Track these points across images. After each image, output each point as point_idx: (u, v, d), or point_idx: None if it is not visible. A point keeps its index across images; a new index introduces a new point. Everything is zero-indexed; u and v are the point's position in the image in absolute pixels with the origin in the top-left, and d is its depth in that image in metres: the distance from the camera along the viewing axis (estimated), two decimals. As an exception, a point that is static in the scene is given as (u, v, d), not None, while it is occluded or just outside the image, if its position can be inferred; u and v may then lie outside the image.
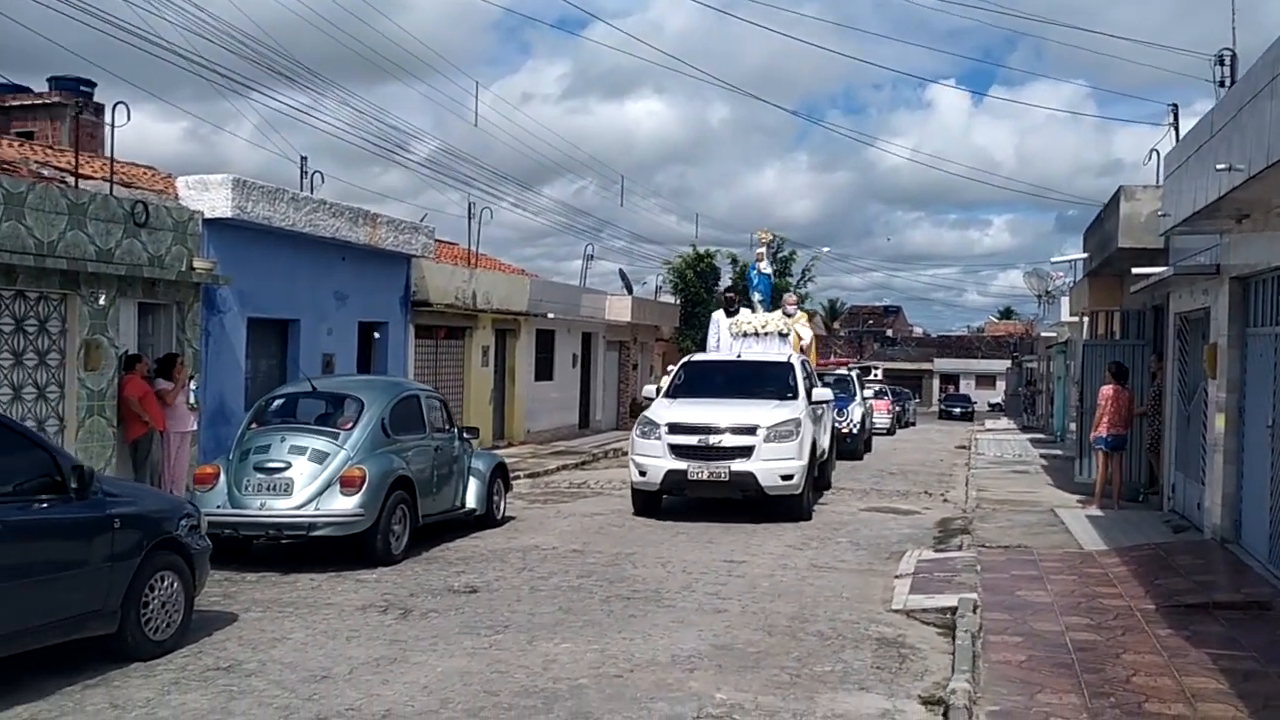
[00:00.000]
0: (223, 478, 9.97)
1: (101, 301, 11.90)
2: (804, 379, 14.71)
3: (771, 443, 13.02)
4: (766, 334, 16.83)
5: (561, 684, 6.48)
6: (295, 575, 9.60)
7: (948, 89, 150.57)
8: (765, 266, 19.01)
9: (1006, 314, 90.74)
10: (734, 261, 41.19)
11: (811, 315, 22.57)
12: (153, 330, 13.10)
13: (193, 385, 12.57)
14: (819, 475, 15.34)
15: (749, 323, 17.04)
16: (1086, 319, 19.79)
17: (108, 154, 13.66)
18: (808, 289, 43.27)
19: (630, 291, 33.03)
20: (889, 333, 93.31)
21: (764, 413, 13.38)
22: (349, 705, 6.02)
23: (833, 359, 41.61)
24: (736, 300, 18.08)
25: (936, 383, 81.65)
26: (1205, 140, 8.64)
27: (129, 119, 13.42)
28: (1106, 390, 14.34)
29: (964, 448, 29.10)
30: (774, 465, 12.97)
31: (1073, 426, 21.40)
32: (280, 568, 9.91)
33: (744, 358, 15.71)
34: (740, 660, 7.09)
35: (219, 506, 9.78)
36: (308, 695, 6.18)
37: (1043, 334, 38.42)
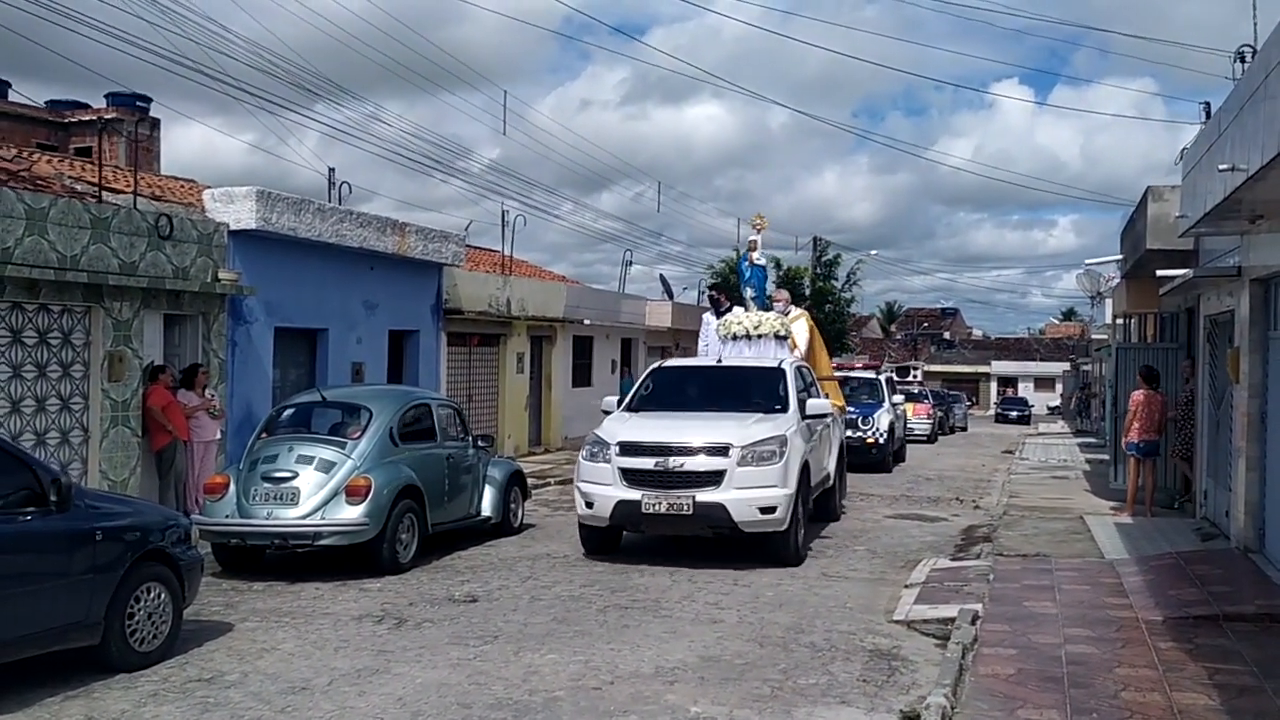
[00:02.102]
0: (232, 487, 10.09)
1: (124, 314, 12.13)
2: (797, 388, 12.15)
3: (748, 466, 10.41)
4: (760, 336, 14.04)
5: (537, 696, 6.46)
6: (301, 585, 9.69)
7: (1011, 88, 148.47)
8: (759, 258, 15.82)
9: (1069, 315, 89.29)
10: (778, 265, 41.04)
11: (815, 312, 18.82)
12: (179, 341, 13.32)
13: (209, 393, 12.77)
14: (821, 505, 13.17)
15: (739, 323, 14.21)
16: (1122, 321, 19.35)
17: (162, 168, 14.02)
18: (853, 293, 42.92)
19: (671, 296, 32.97)
20: (946, 335, 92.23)
21: (740, 429, 10.81)
22: (319, 718, 6.05)
23: (865, 361, 38.24)
24: (725, 298, 15.49)
25: (994, 386, 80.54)
26: (1214, 140, 8.40)
27: (154, 131, 13.63)
28: (1138, 395, 14.03)
29: (1009, 453, 28.63)
30: (750, 495, 10.33)
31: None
32: (288, 577, 10.01)
33: (725, 363, 13.18)
34: (725, 672, 7.02)
35: (228, 516, 9.92)
36: (281, 707, 6.22)
37: (1093, 336, 37.71)
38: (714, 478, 10.41)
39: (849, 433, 19.31)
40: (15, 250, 10.79)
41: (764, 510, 10.37)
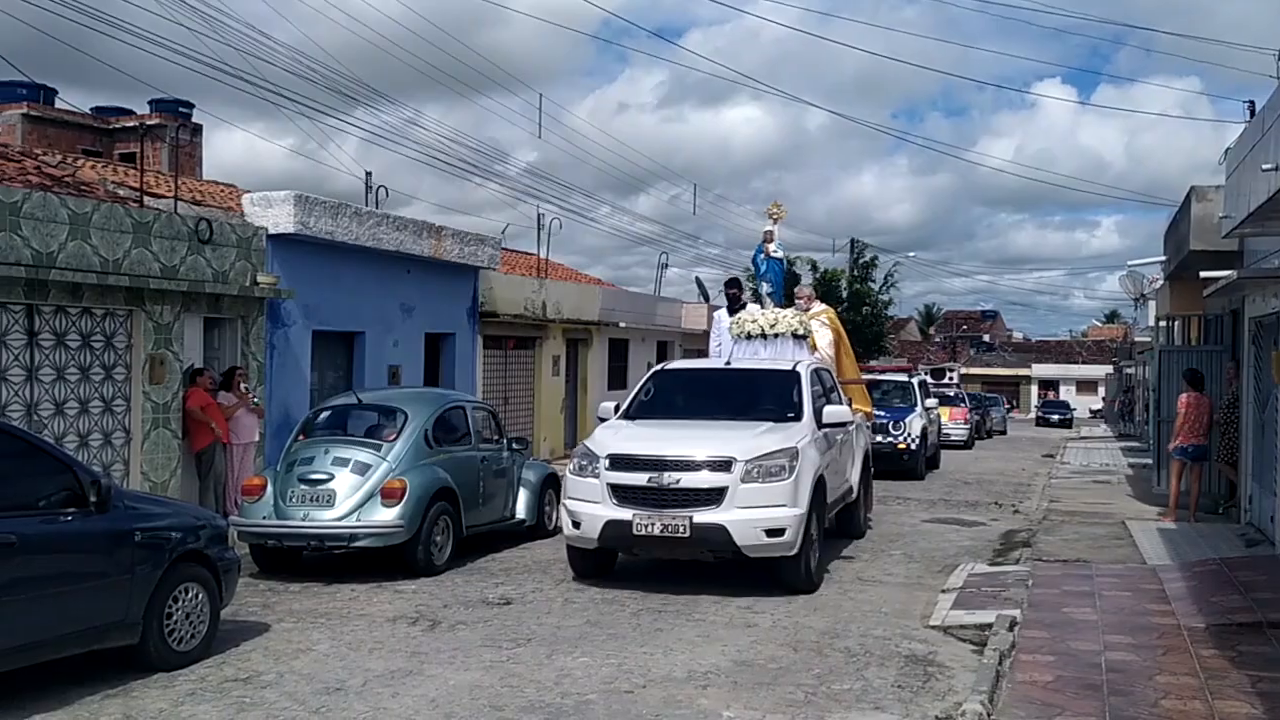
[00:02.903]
0: (270, 489, 10.18)
1: (165, 317, 12.28)
2: (814, 393, 10.94)
3: (753, 483, 9.28)
4: (777, 335, 12.71)
5: (569, 699, 6.46)
6: (337, 586, 9.75)
7: (1053, 88, 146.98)
8: (775, 249, 14.31)
9: (1112, 318, 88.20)
10: (814, 267, 40.89)
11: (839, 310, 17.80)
12: (218, 344, 13.47)
13: (244, 387, 12.91)
14: (844, 520, 12.18)
15: (754, 321, 12.87)
16: (1165, 324, 19.08)
17: (204, 173, 14.20)
18: (890, 295, 42.63)
19: (707, 299, 32.89)
20: (986, 338, 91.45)
21: (745, 440, 9.63)
22: (353, 719, 6.08)
23: (898, 363, 36.83)
24: (742, 295, 14.23)
25: (1034, 389, 79.73)
26: (1257, 139, 8.27)
27: (196, 136, 13.81)
28: (1186, 398, 13.84)
29: (1050, 456, 28.32)
30: (755, 515, 9.21)
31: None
32: (325, 578, 10.08)
33: (733, 365, 11.90)
34: (758, 677, 6.98)
35: (265, 517, 10.01)
36: (316, 708, 6.26)
37: (1136, 338, 37.22)
38: (714, 496, 9.27)
39: (878, 438, 18.80)
40: (59, 255, 10.96)
41: (771, 533, 9.23)
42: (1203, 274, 12.46)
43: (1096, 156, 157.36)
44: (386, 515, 9.90)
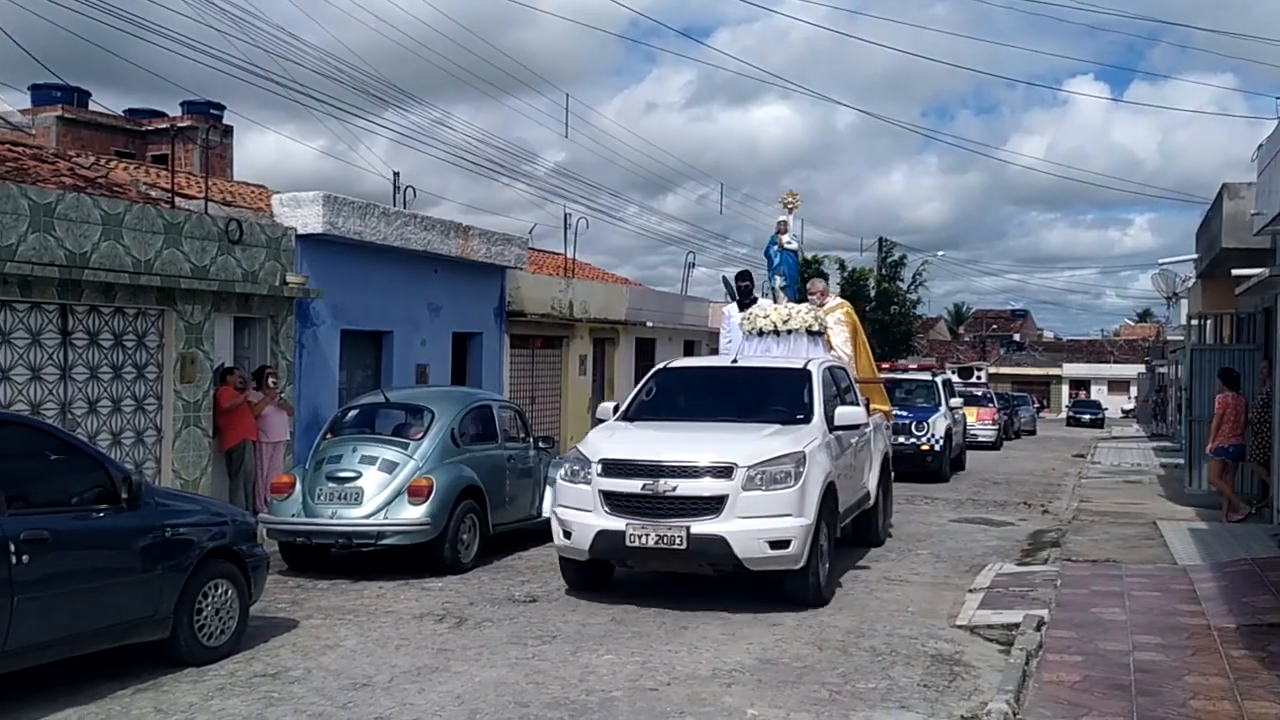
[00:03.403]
0: (298, 487, 10.28)
1: (196, 316, 12.41)
2: (826, 394, 10.28)
3: (755, 490, 8.63)
4: (790, 331, 11.98)
5: (594, 696, 6.48)
6: (364, 583, 9.83)
7: (1086, 85, 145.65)
8: (789, 241, 13.37)
9: (1144, 316, 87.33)
10: (842, 266, 40.71)
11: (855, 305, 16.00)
12: (248, 343, 13.60)
13: (272, 382, 13.01)
14: (861, 528, 11.60)
15: (766, 317, 12.12)
16: (1197, 322, 18.88)
17: (235, 174, 14.36)
18: (919, 294, 42.37)
19: (734, 298, 32.86)
20: (1016, 337, 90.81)
21: (748, 444, 8.97)
22: (380, 714, 6.14)
23: (922, 362, 35.50)
24: (754, 287, 13.46)
25: (1065, 389, 79.09)
26: (1289, 134, 8.18)
27: (226, 138, 13.94)
28: (1225, 398, 13.70)
29: (1080, 456, 28.10)
30: (758, 526, 8.55)
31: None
32: (352, 575, 10.17)
33: (740, 363, 11.28)
34: (782, 675, 6.98)
35: (294, 515, 10.11)
36: (343, 703, 6.32)
37: (1169, 337, 36.85)
38: (713, 504, 8.60)
39: (901, 439, 18.59)
40: (92, 255, 11.10)
41: (775, 544, 8.56)
42: (1235, 271, 12.36)
43: (1130, 154, 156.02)
44: (413, 513, 9.96)
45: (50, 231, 10.68)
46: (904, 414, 19.27)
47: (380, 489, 10.08)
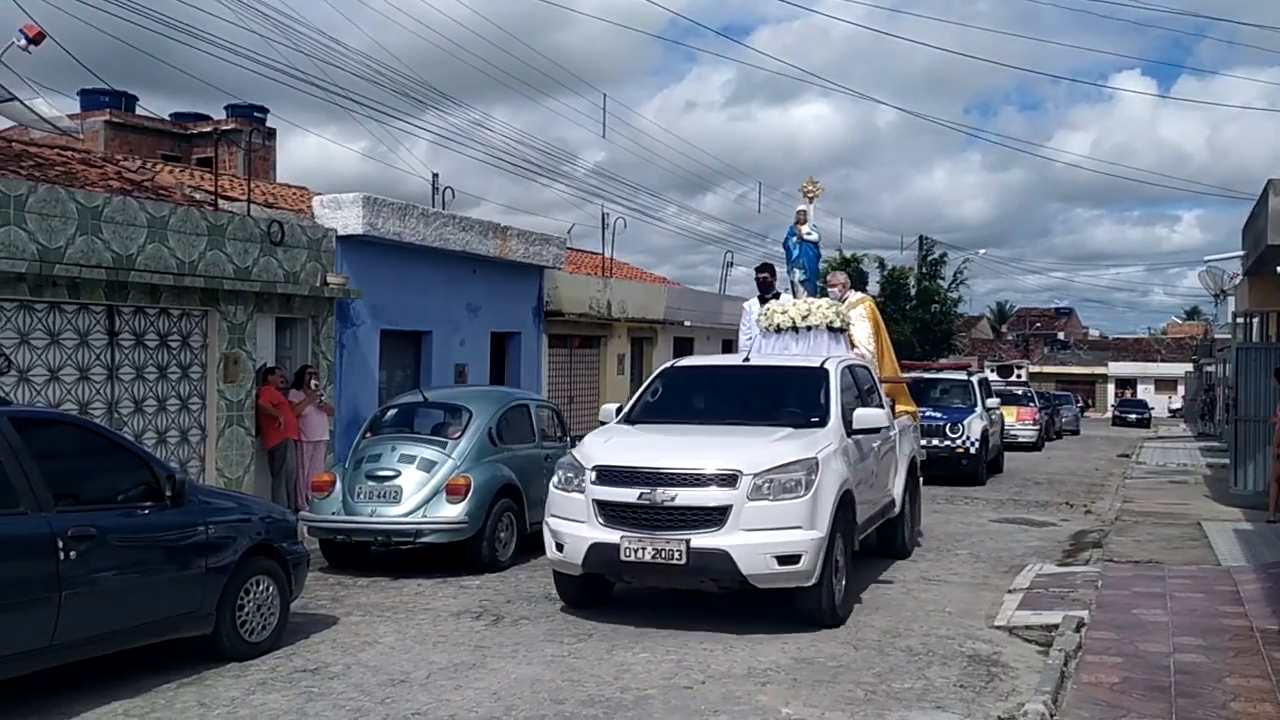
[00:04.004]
0: (338, 485, 10.40)
1: (239, 317, 12.60)
2: (844, 395, 9.53)
3: (762, 500, 7.88)
4: (810, 328, 11.26)
5: (629, 694, 6.52)
6: (404, 581, 9.93)
7: (1132, 80, 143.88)
8: (809, 231, 12.43)
9: (1192, 314, 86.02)
10: (881, 265, 40.50)
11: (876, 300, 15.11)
12: (290, 343, 13.77)
13: (314, 384, 13.16)
14: (885, 538, 10.97)
15: (784, 313, 11.36)
16: (1244, 320, 18.61)
17: (278, 176, 14.59)
18: (960, 292, 42.04)
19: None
20: (1060, 335, 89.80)
21: (756, 449, 8.24)
22: (417, 710, 6.21)
23: (956, 360, 33.98)
24: (775, 280, 12.63)
25: (1111, 388, 78.14)
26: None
27: (269, 140, 14.12)
28: None
29: (1125, 456, 27.77)
30: (764, 539, 7.81)
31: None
32: (392, 573, 10.28)
33: (752, 362, 10.48)
34: (818, 674, 6.98)
35: (334, 513, 10.23)
36: (381, 699, 6.40)
37: (1216, 335, 36.31)
38: (715, 516, 7.86)
39: (935, 442, 18.21)
40: (138, 257, 11.30)
41: (784, 559, 7.82)
42: (1280, 269, 12.17)
43: (1177, 149, 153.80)
44: (451, 511, 10.05)
45: (98, 234, 10.89)
46: (937, 415, 18.92)
47: (419, 487, 10.17)
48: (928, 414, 18.37)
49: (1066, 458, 27.44)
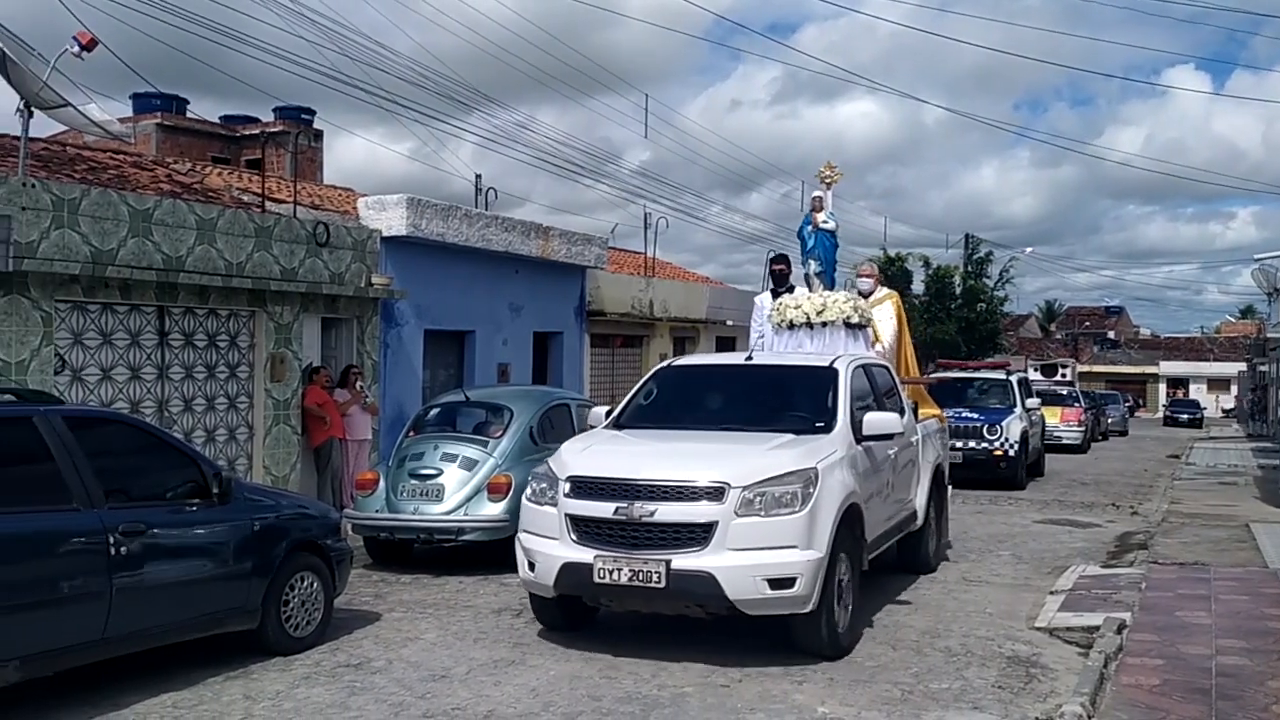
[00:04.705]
0: (382, 483, 10.54)
1: (285, 317, 12.81)
2: (855, 397, 8.61)
3: (752, 516, 7.02)
4: (825, 324, 10.37)
5: (666, 691, 6.57)
6: (446, 578, 10.05)
7: (1185, 76, 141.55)
8: (825, 220, 11.56)
9: (1247, 313, 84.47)
10: (926, 264, 40.20)
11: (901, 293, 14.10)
12: (335, 343, 13.98)
13: (360, 386, 13.35)
14: (907, 552, 10.18)
15: (797, 308, 10.48)
16: (1296, 319, 18.28)
17: (325, 178, 14.81)
18: (1006, 291, 41.60)
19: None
20: (1110, 334, 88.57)
21: (748, 458, 7.41)
22: (456, 705, 6.31)
23: (996, 359, 32.35)
24: (790, 272, 11.73)
25: (1163, 387, 76.95)
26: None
27: (316, 142, 14.33)
28: None
29: (1175, 457, 27.39)
30: (754, 560, 6.94)
31: None
32: (434, 570, 10.40)
33: (755, 361, 9.50)
34: (855, 674, 6.99)
35: (377, 511, 10.38)
36: (422, 694, 6.51)
37: (1269, 334, 35.63)
38: (699, 533, 7.01)
39: (970, 444, 17.79)
40: (188, 258, 11.53)
41: (776, 583, 6.94)
42: (1331, 267, 11.95)
43: (1231, 146, 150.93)
44: (493, 509, 10.15)
45: (148, 236, 11.13)
46: (974, 416, 18.39)
47: (460, 486, 10.29)
48: (964, 415, 18.11)
49: (1114, 459, 27.09)
